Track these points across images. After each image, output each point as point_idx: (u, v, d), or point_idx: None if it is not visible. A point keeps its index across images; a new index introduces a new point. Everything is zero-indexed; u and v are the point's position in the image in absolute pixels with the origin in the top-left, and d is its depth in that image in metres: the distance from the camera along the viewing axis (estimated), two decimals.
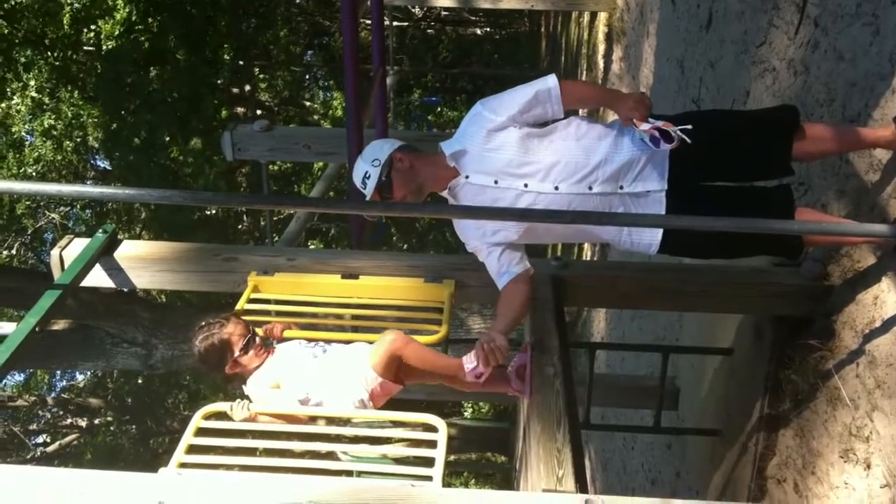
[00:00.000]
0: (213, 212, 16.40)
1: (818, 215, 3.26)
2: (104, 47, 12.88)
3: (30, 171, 14.66)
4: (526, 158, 3.00)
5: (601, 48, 10.52)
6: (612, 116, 3.19)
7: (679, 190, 3.04)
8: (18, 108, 14.67)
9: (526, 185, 2.99)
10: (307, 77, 25.14)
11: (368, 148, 3.20)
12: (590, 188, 3.03)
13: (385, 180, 3.03)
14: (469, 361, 2.95)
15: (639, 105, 2.92)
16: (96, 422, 19.82)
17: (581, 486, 2.44)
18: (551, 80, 3.05)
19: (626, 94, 2.96)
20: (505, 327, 3.03)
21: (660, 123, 2.92)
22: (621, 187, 3.04)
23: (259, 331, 3.25)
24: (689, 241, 3.13)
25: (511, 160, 3.01)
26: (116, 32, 12.66)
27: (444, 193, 3.20)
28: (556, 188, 3.03)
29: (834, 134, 3.17)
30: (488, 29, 26.71)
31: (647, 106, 2.92)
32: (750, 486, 3.98)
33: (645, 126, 2.90)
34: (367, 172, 3.06)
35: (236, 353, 3.12)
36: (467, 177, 3.08)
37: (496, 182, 3.03)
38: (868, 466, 3.09)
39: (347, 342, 3.30)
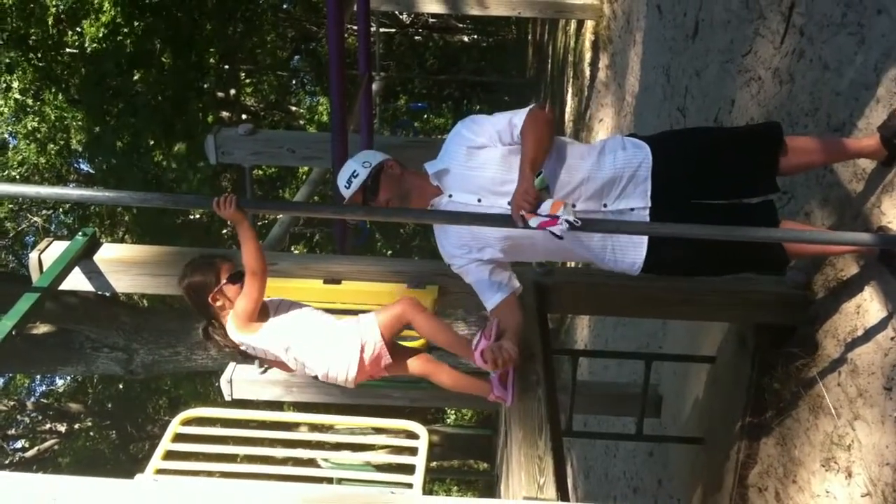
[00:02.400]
0: (196, 216, 16.33)
1: (801, 227, 3.26)
2: (88, 49, 12.79)
3: (13, 173, 14.55)
4: (508, 176, 2.98)
5: (588, 56, 10.55)
6: (595, 137, 3.20)
7: (663, 208, 3.02)
8: (1, 109, 14.57)
9: (508, 203, 2.98)
10: (293, 82, 25.10)
11: (361, 153, 3.23)
12: (573, 205, 3.02)
13: (372, 183, 3.03)
14: (477, 342, 2.93)
15: (520, 203, 2.80)
16: (76, 427, 19.67)
17: (562, 494, 2.42)
18: (517, 119, 3.00)
19: (522, 180, 2.85)
20: (515, 341, 2.99)
21: (545, 218, 2.84)
22: (605, 205, 3.03)
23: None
24: (673, 259, 3.13)
25: (493, 178, 3.01)
26: (101, 34, 12.57)
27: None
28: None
29: (818, 146, 3.17)
30: (475, 36, 26.75)
31: (529, 203, 2.83)
32: (731, 495, 3.98)
33: (533, 222, 2.84)
34: (355, 171, 3.06)
35: (223, 281, 3.06)
36: (451, 196, 3.08)
37: (479, 200, 3.03)
38: (849, 475, 3.09)
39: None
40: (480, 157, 3.04)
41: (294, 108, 23.89)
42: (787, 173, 3.20)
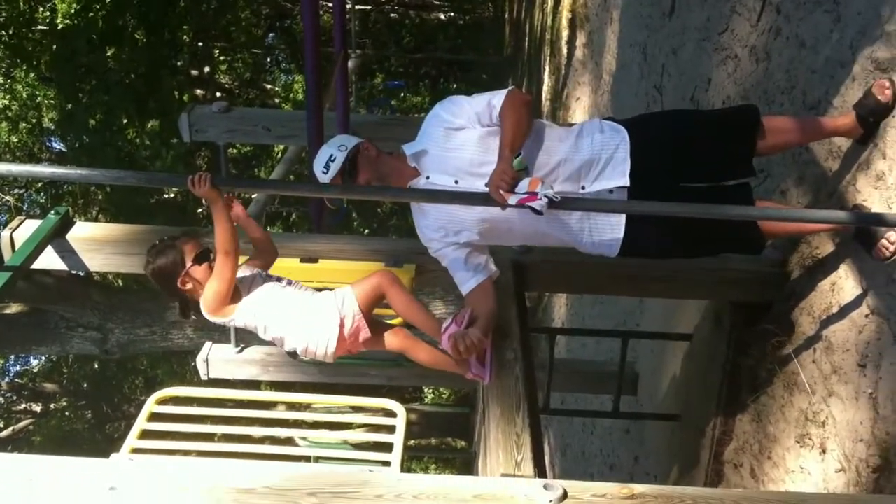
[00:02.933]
0: (171, 195, 16.19)
1: (777, 206, 3.27)
2: (59, 25, 12.61)
3: None
4: (486, 157, 2.97)
5: (565, 34, 10.52)
6: (572, 116, 3.20)
7: (640, 190, 3.02)
8: None
9: (486, 185, 2.97)
10: (268, 60, 24.90)
11: (335, 138, 3.20)
12: (550, 187, 3.01)
13: (350, 165, 3.01)
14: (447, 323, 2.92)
15: (497, 182, 2.80)
16: (51, 407, 19.55)
17: (540, 471, 2.43)
18: (496, 100, 2.98)
19: (500, 161, 2.85)
20: (485, 329, 2.99)
21: (524, 195, 2.86)
22: (583, 187, 3.03)
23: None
24: (650, 241, 3.13)
25: (471, 159, 2.99)
26: (72, 10, 12.39)
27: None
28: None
29: (794, 125, 3.18)
30: (452, 14, 26.63)
31: (507, 182, 2.84)
32: (707, 471, 4.01)
33: (512, 199, 2.85)
34: (332, 156, 3.03)
35: (188, 264, 3.00)
36: (428, 177, 3.06)
37: (456, 182, 3.01)
38: (823, 451, 3.12)
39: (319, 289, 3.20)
40: (458, 139, 3.02)
41: (269, 87, 23.72)
42: (764, 154, 3.21)
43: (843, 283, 3.14)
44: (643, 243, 3.13)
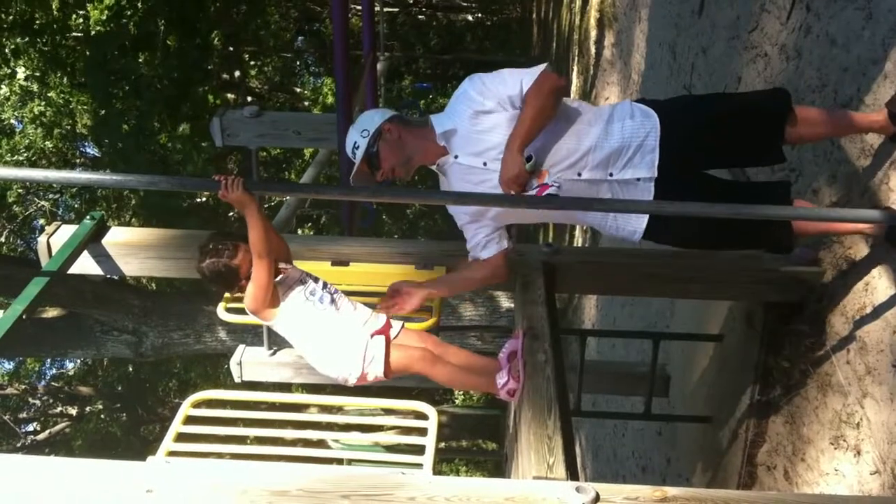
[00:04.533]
0: (204, 199, 16.33)
1: (809, 206, 3.24)
2: (93, 32, 12.77)
3: (20, 157, 14.59)
4: None
5: (593, 34, 10.49)
6: (603, 101, 3.20)
7: (668, 179, 3.02)
8: (7, 95, 14.58)
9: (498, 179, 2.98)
10: (297, 63, 25.04)
11: (360, 117, 3.19)
12: (579, 174, 3.01)
13: (374, 150, 3.02)
14: (501, 377, 2.98)
15: (509, 185, 2.90)
16: (87, 410, 19.78)
17: (571, 474, 2.43)
18: (527, 80, 2.97)
19: (510, 158, 2.90)
20: (440, 286, 3.21)
21: (536, 188, 2.93)
22: (611, 174, 3.02)
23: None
24: (675, 228, 3.12)
25: (500, 143, 2.98)
26: (105, 17, 12.55)
27: (433, 167, 3.19)
28: (547, 171, 3.02)
29: (826, 118, 3.16)
30: (479, 15, 26.64)
31: (520, 185, 2.90)
32: (740, 473, 3.99)
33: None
34: (356, 143, 3.06)
35: (242, 282, 3.05)
36: (456, 156, 3.07)
37: (485, 164, 3.02)
38: (858, 453, 3.09)
39: (353, 303, 3.23)
40: (488, 121, 3.01)
41: (298, 90, 23.84)
42: (793, 143, 3.19)
43: (877, 283, 3.11)
44: (667, 231, 3.13)
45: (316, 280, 3.19)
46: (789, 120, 3.06)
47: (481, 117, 3.01)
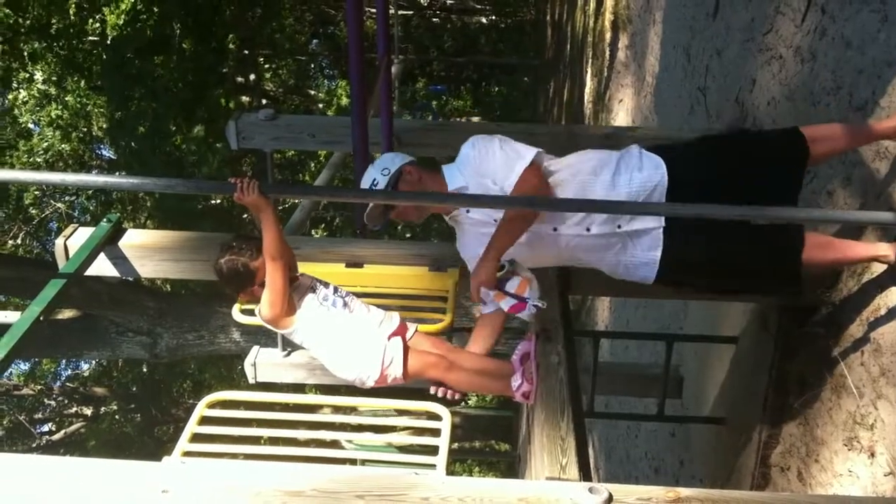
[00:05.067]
0: (218, 201, 16.39)
1: (824, 238, 3.21)
2: (109, 36, 12.86)
3: (38, 160, 14.69)
4: None
5: (607, 36, 10.48)
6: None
7: (678, 225, 3.03)
8: (25, 98, 14.69)
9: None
10: (312, 66, 25.11)
11: (380, 158, 3.25)
12: (588, 230, 3.05)
13: (392, 189, 3.06)
14: (515, 380, 3.02)
15: (475, 290, 2.97)
16: (101, 410, 19.88)
17: (585, 475, 2.44)
18: (513, 176, 3.00)
19: (485, 268, 2.94)
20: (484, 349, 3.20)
21: (514, 302, 2.97)
22: (619, 226, 3.05)
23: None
24: (686, 275, 3.16)
25: None
26: (121, 21, 12.63)
27: (447, 218, 3.26)
28: (555, 229, 3.08)
29: (838, 132, 3.16)
30: (493, 17, 26.62)
31: (486, 287, 2.95)
32: (754, 474, 3.98)
33: (504, 304, 2.98)
34: (375, 180, 3.09)
35: (256, 286, 3.06)
36: (468, 211, 3.14)
37: (495, 220, 3.05)
38: (872, 455, 3.09)
39: (366, 305, 3.24)
40: (489, 183, 3.07)
41: (313, 93, 23.90)
42: (811, 165, 3.20)
43: (891, 285, 3.10)
44: (675, 279, 3.18)
45: (326, 285, 3.21)
46: (806, 165, 3.08)
47: (485, 179, 3.07)
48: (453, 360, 3.15)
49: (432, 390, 3.14)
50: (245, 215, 17.36)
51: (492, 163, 3.06)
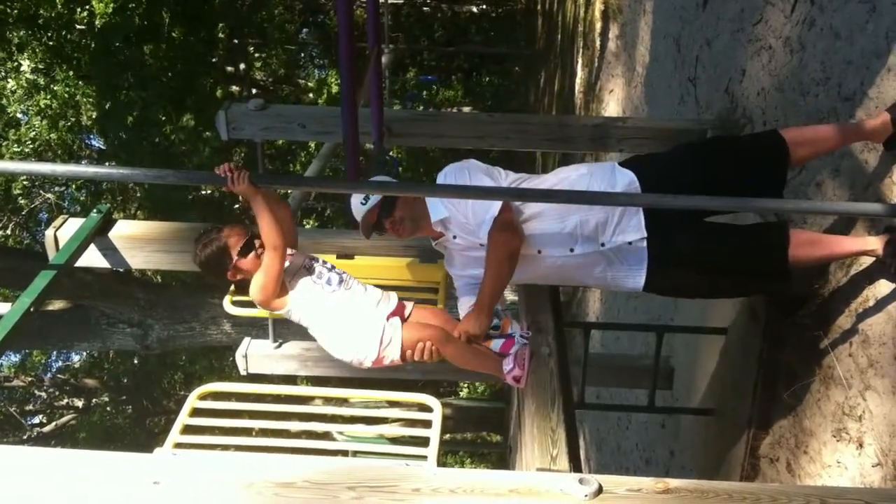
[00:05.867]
0: (208, 191, 16.35)
1: (812, 235, 3.23)
2: (97, 24, 12.78)
3: (26, 150, 14.61)
4: None
5: (598, 26, 10.48)
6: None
7: (660, 233, 3.05)
8: (13, 88, 14.60)
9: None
10: (302, 55, 25.01)
11: (376, 178, 3.34)
12: (571, 250, 3.07)
13: (389, 201, 3.09)
14: (507, 363, 3.02)
15: (466, 337, 3.05)
16: (93, 402, 19.84)
17: (575, 466, 2.45)
18: (487, 222, 3.03)
19: (478, 321, 3.04)
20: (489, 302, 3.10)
21: (502, 341, 3.09)
22: (602, 244, 3.08)
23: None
24: (671, 286, 3.20)
25: (489, 220, 3.05)
26: (110, 10, 12.56)
27: (434, 243, 3.30)
28: (539, 252, 3.10)
29: (826, 133, 3.18)
30: (484, 6, 26.56)
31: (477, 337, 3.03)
32: (743, 465, 4.00)
33: (494, 345, 3.07)
34: (367, 196, 3.11)
35: (234, 258, 3.06)
36: (455, 236, 3.17)
37: (481, 245, 3.07)
38: (860, 445, 3.11)
39: (363, 284, 3.25)
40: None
41: (303, 82, 23.83)
42: (797, 164, 3.22)
43: (879, 277, 3.12)
44: (664, 286, 3.21)
45: (323, 263, 3.21)
46: (786, 167, 3.10)
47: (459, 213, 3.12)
48: (450, 333, 3.14)
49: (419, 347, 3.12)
50: (236, 205, 17.34)
51: (468, 206, 3.09)
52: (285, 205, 3.31)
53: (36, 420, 19.74)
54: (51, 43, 13.46)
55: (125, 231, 3.71)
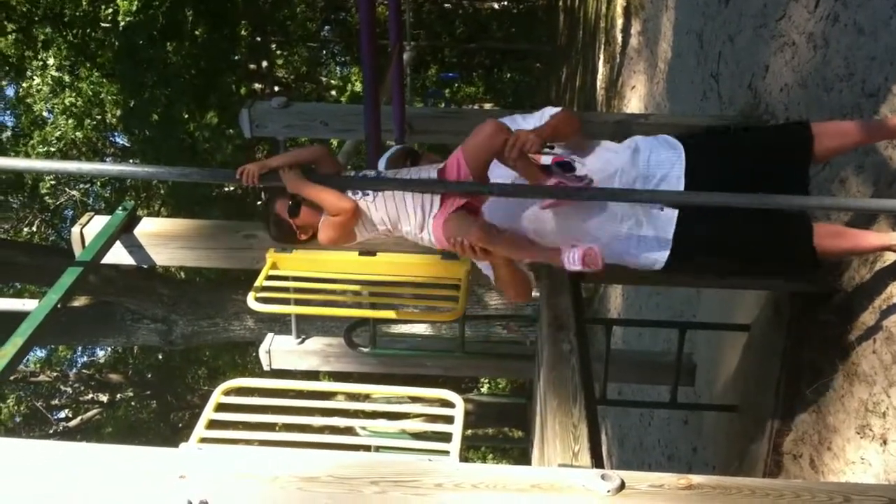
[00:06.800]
0: (231, 188, 16.44)
1: (836, 228, 3.22)
2: (121, 22, 12.88)
3: (52, 149, 14.74)
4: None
5: (619, 22, 10.44)
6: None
7: (693, 210, 3.03)
8: (39, 87, 14.73)
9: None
10: (324, 53, 25.09)
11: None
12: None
13: (414, 151, 3.13)
14: (571, 263, 2.91)
15: (521, 141, 2.89)
16: (117, 397, 20.01)
17: (597, 462, 2.45)
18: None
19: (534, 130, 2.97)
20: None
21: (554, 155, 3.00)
22: None
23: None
24: (697, 262, 3.18)
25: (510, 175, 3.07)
26: (134, 8, 12.66)
27: None
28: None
29: (850, 129, 3.16)
30: (505, 3, 26.52)
31: (530, 144, 2.89)
32: (766, 462, 3.99)
33: (546, 158, 2.99)
34: (396, 147, 3.17)
35: (291, 222, 3.18)
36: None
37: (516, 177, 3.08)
38: (884, 442, 3.09)
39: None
40: None
41: (325, 79, 23.90)
42: (820, 161, 3.20)
43: None
44: (687, 258, 3.15)
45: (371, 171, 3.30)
46: (812, 157, 3.08)
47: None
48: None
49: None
50: (258, 202, 17.40)
51: (522, 124, 3.13)
52: (339, 163, 3.35)
53: (62, 415, 19.95)
54: (76, 41, 13.57)
55: (150, 228, 3.74)
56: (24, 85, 14.85)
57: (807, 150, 3.07)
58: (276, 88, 20.56)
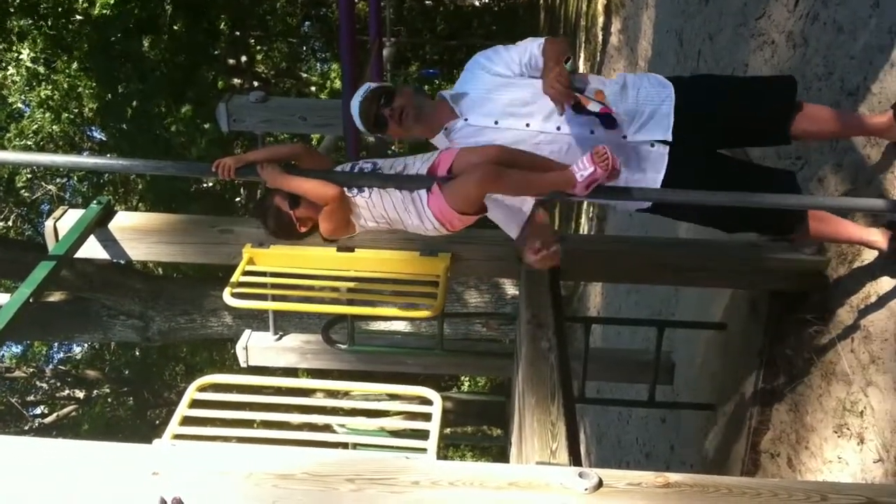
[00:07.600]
0: (210, 184, 16.35)
1: (821, 212, 3.22)
2: (97, 14, 12.75)
3: (28, 142, 14.58)
4: (531, 98, 3.02)
5: (600, 20, 10.46)
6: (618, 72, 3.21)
7: (683, 148, 3.02)
8: (14, 78, 14.56)
9: (528, 125, 3.01)
10: (304, 48, 24.98)
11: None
12: (592, 132, 3.01)
13: (386, 91, 3.11)
14: (582, 169, 2.77)
15: (553, 83, 2.85)
16: (94, 393, 19.86)
17: (575, 459, 2.44)
18: (536, 48, 3.06)
19: (552, 67, 2.91)
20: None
21: (600, 105, 2.93)
22: (624, 136, 3.02)
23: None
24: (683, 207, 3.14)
25: (514, 99, 3.04)
26: (111, 1, 12.53)
27: (438, 138, 3.21)
28: (559, 128, 3.03)
29: (832, 116, 3.16)
30: (486, 0, 26.51)
31: (563, 83, 2.85)
32: (744, 460, 4.00)
33: (593, 106, 2.91)
34: (370, 86, 3.15)
35: (291, 214, 3.18)
36: (466, 119, 3.10)
37: (496, 122, 3.05)
38: (861, 441, 3.10)
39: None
40: (499, 82, 3.08)
41: (305, 75, 23.80)
42: (797, 137, 3.19)
43: (881, 273, 3.11)
44: (674, 206, 3.13)
45: (366, 161, 3.27)
46: (795, 104, 3.07)
47: (493, 80, 3.08)
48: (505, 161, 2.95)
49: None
50: (238, 198, 17.34)
51: (510, 50, 3.14)
52: (324, 157, 3.34)
53: (37, 411, 19.77)
54: (52, 33, 13.43)
55: (125, 222, 3.70)
56: None
57: (792, 94, 3.08)
58: (256, 84, 20.46)
